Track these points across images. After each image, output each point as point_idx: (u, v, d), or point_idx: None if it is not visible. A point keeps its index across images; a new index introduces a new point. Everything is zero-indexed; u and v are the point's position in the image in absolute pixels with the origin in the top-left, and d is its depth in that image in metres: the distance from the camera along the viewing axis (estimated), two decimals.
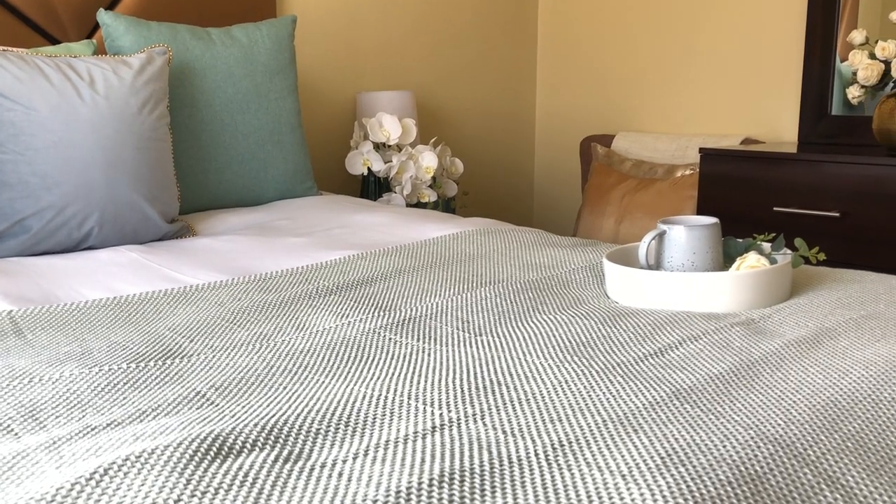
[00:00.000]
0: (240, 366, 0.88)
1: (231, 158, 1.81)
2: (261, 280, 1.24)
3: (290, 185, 1.91)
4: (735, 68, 2.52)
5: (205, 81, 1.78)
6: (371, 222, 1.66)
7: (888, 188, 1.82)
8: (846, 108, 2.24)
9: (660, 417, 0.72)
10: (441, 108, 2.72)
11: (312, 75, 2.36)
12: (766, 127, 2.47)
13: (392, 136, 2.15)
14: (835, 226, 1.90)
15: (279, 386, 0.81)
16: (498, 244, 1.48)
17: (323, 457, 0.64)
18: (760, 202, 2.01)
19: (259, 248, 1.45)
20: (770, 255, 1.15)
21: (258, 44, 1.88)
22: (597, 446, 0.66)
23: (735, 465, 0.64)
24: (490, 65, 2.86)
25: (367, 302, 1.13)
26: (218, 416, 0.72)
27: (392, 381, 0.82)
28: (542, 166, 3.08)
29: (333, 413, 0.73)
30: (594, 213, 2.50)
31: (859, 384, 0.81)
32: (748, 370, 0.84)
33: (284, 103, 1.90)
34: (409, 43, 2.60)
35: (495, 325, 1.02)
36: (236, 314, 1.07)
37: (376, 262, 1.33)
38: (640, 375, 0.83)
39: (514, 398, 0.77)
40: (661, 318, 1.01)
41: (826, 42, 2.25)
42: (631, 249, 1.25)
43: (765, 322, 1.01)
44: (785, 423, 0.72)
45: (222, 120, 1.80)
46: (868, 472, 0.67)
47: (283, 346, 0.94)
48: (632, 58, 2.75)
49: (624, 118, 2.80)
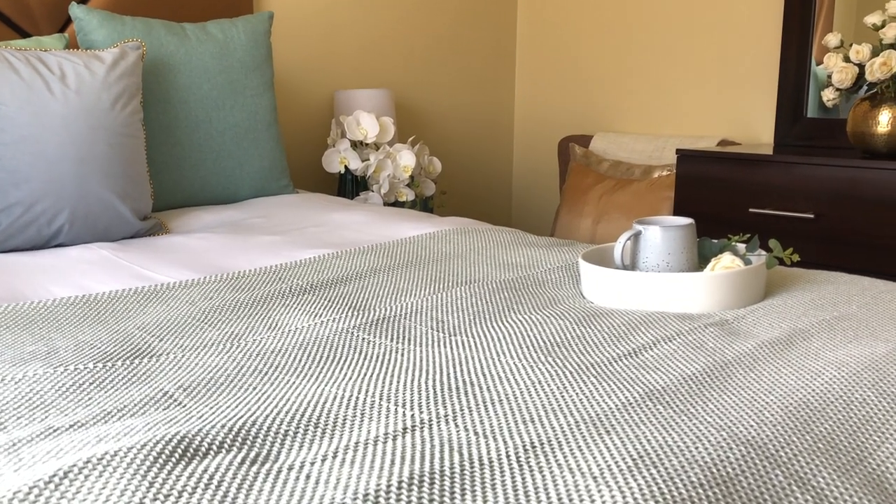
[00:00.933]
0: (209, 366, 0.86)
1: (206, 155, 1.79)
2: (233, 279, 1.22)
3: (266, 183, 1.89)
4: (712, 71, 2.53)
5: (179, 77, 1.76)
6: (347, 221, 1.65)
7: (862, 190, 1.83)
8: (821, 110, 2.26)
9: (633, 418, 0.72)
10: (419, 106, 2.71)
11: (289, 72, 2.34)
12: (743, 129, 2.49)
13: (369, 135, 2.14)
14: (809, 227, 1.91)
15: (248, 386, 0.80)
16: (474, 244, 1.47)
17: (291, 459, 0.63)
18: (736, 203, 2.02)
19: (233, 247, 1.43)
20: (745, 256, 1.15)
21: (234, 40, 1.86)
22: (569, 448, 0.66)
23: (707, 466, 0.64)
24: (469, 64, 2.85)
25: (341, 301, 1.11)
26: (185, 417, 0.70)
27: (364, 382, 0.81)
28: (521, 166, 3.08)
29: (303, 414, 0.72)
30: (572, 213, 2.50)
31: (831, 385, 0.81)
32: (721, 371, 0.84)
33: (260, 100, 1.89)
34: (387, 41, 2.58)
35: (470, 325, 1.01)
36: (208, 313, 1.06)
37: (351, 261, 1.32)
38: (614, 376, 0.83)
39: (486, 399, 0.76)
40: (635, 319, 1.01)
41: (802, 45, 2.27)
42: (607, 250, 1.25)
43: (739, 323, 1.01)
44: (757, 425, 0.72)
45: (197, 116, 1.78)
46: (839, 473, 0.67)
47: (254, 346, 0.93)
48: (610, 59, 2.76)
49: (602, 119, 2.81)
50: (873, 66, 1.85)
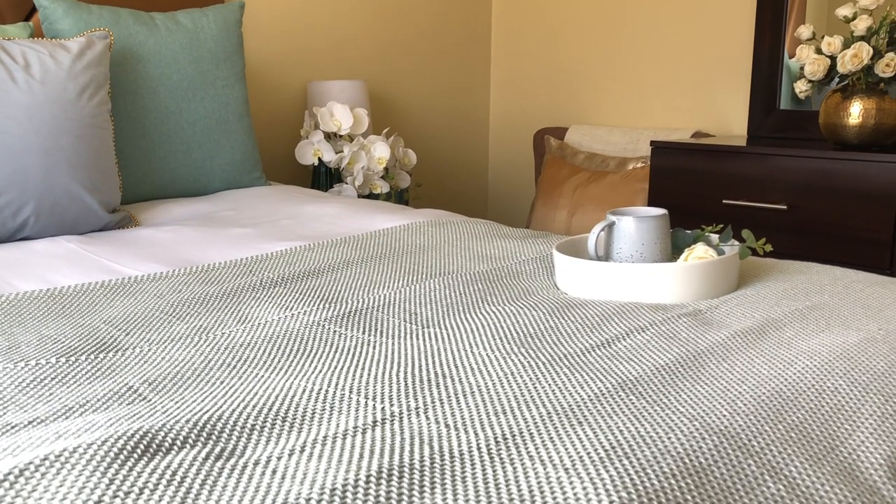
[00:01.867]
0: (176, 360, 0.85)
1: (176, 147, 1.76)
2: (203, 271, 1.20)
3: (238, 175, 1.86)
4: (686, 63, 2.53)
5: (148, 68, 1.73)
6: (320, 213, 1.63)
7: (834, 181, 1.84)
8: (794, 102, 2.27)
9: (605, 409, 0.71)
10: (394, 98, 2.69)
11: (262, 63, 2.31)
12: (717, 121, 2.49)
13: (343, 126, 2.11)
14: (782, 218, 1.92)
15: (216, 380, 0.78)
16: (448, 235, 1.46)
17: (257, 454, 0.61)
18: (710, 195, 2.03)
19: (203, 239, 1.41)
20: (718, 247, 1.15)
21: (204, 30, 1.83)
22: (541, 439, 0.65)
23: (679, 457, 0.63)
24: (444, 55, 2.83)
25: (313, 294, 1.10)
26: (148, 412, 0.69)
27: (334, 375, 0.79)
28: (497, 158, 3.07)
29: (270, 408, 0.70)
30: (547, 205, 2.50)
31: (803, 374, 0.81)
32: (694, 361, 0.84)
33: (232, 91, 1.86)
34: (361, 32, 2.56)
35: (443, 316, 1.00)
36: (176, 307, 1.04)
37: (323, 254, 1.30)
38: (587, 367, 0.82)
39: (458, 391, 0.75)
40: (609, 309, 1.00)
41: (775, 38, 2.28)
42: (581, 241, 1.24)
43: (712, 313, 1.00)
44: (730, 414, 0.71)
45: (167, 107, 1.75)
46: (811, 461, 0.67)
47: (222, 340, 0.91)
48: (585, 51, 2.75)
49: (577, 111, 2.81)
50: (845, 58, 1.86)
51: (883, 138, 1.89)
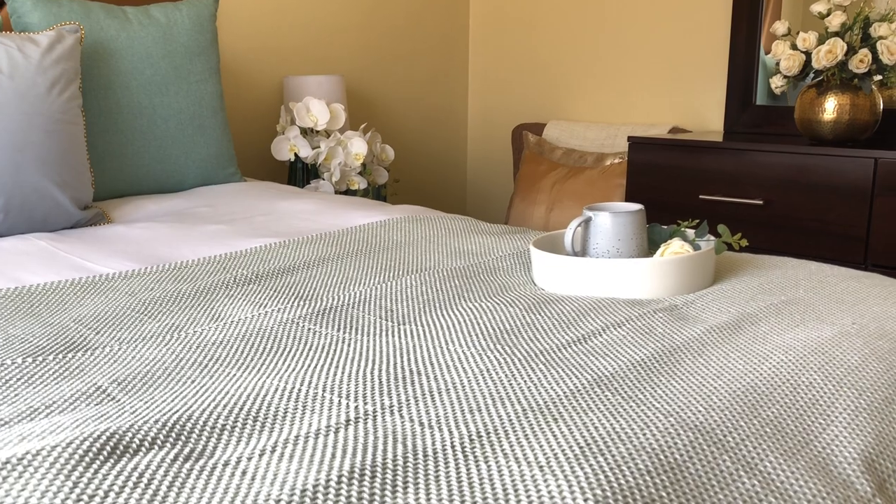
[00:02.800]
0: (147, 359, 0.83)
1: (149, 143, 1.74)
2: (176, 269, 1.18)
3: (212, 171, 1.84)
4: (664, 59, 2.54)
5: (121, 62, 1.70)
6: (296, 209, 1.62)
7: (809, 176, 1.86)
8: (770, 98, 2.28)
9: (580, 405, 0.71)
10: (371, 93, 2.68)
11: (237, 58, 2.29)
12: (694, 116, 2.50)
13: (320, 122, 2.10)
14: (758, 213, 1.94)
15: (187, 379, 0.77)
16: (426, 231, 1.45)
17: (227, 454, 0.60)
18: (687, 190, 2.04)
19: (176, 236, 1.39)
20: (694, 242, 1.15)
21: (178, 24, 1.81)
22: (515, 437, 0.64)
23: (655, 453, 0.63)
24: (423, 50, 2.82)
25: (287, 291, 1.09)
26: (117, 412, 0.67)
27: (307, 373, 0.78)
28: (475, 154, 3.07)
29: (242, 407, 0.69)
30: (525, 201, 2.50)
31: (778, 369, 0.81)
32: (670, 356, 0.84)
33: (206, 86, 1.84)
34: (338, 27, 2.54)
35: (419, 313, 0.99)
36: (148, 304, 1.02)
37: (299, 251, 1.29)
38: (563, 363, 0.81)
39: (433, 388, 0.75)
40: (585, 305, 1.00)
41: (751, 34, 2.29)
42: (558, 236, 1.24)
43: (688, 308, 1.00)
44: (705, 410, 0.71)
45: (140, 102, 1.73)
46: (785, 457, 0.67)
47: (194, 338, 0.90)
48: (563, 47, 2.75)
49: (555, 107, 2.81)
50: (819, 54, 1.87)
51: (857, 134, 1.91)
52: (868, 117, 1.89)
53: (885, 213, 1.76)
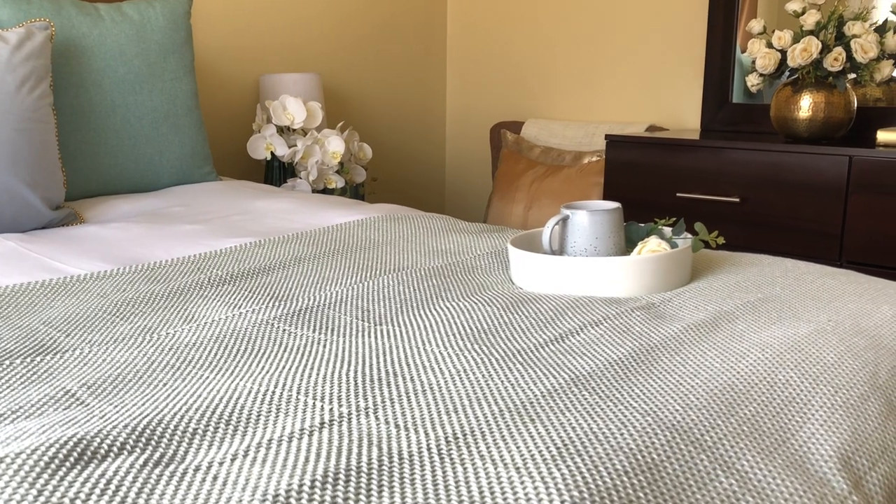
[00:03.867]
0: (118, 361, 0.82)
1: (123, 142, 1.71)
2: (149, 269, 1.16)
3: (187, 170, 1.82)
4: (641, 58, 2.55)
5: (93, 60, 1.68)
6: (272, 209, 1.60)
7: (785, 174, 1.87)
8: (746, 96, 2.29)
9: (557, 405, 0.70)
10: (349, 92, 2.66)
11: (212, 56, 2.27)
12: (671, 115, 2.51)
13: (296, 120, 2.08)
14: (735, 210, 1.94)
15: (158, 382, 0.76)
16: (403, 231, 1.44)
17: (198, 459, 0.59)
18: (664, 188, 2.04)
19: (150, 236, 1.37)
20: (671, 240, 1.15)
21: (151, 21, 1.78)
22: (492, 438, 0.64)
23: (632, 453, 0.63)
24: (400, 48, 2.81)
25: (263, 292, 1.07)
26: (85, 417, 0.66)
27: (281, 375, 0.77)
28: (454, 152, 3.06)
29: (214, 411, 0.68)
30: (504, 199, 2.50)
31: (755, 367, 0.81)
32: (647, 355, 0.83)
33: (180, 84, 1.81)
34: (315, 24, 2.52)
35: (396, 313, 0.98)
36: (120, 306, 1.01)
37: (275, 250, 1.28)
38: (540, 362, 0.81)
39: (409, 390, 0.74)
40: (563, 304, 1.00)
41: (727, 32, 2.30)
42: (535, 235, 1.23)
43: (665, 306, 1.00)
44: (682, 409, 0.71)
45: (113, 101, 1.70)
46: (762, 455, 0.66)
47: (167, 340, 0.88)
48: (541, 46, 2.75)
49: (533, 105, 2.80)
50: (794, 52, 1.88)
51: (832, 131, 1.92)
52: (842, 115, 1.90)
53: (859, 210, 1.77)
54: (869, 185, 1.76)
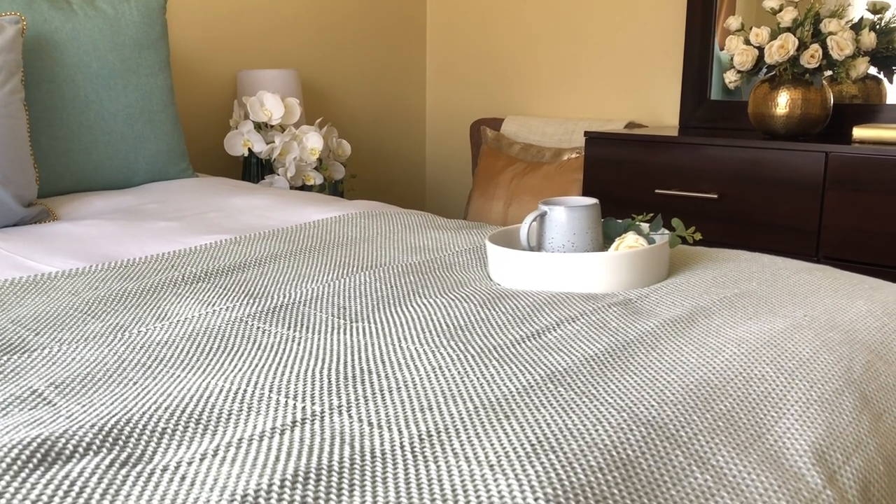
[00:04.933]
0: (87, 360, 0.80)
1: (97, 138, 1.69)
2: (122, 267, 1.15)
3: (163, 167, 1.80)
4: (620, 55, 2.55)
5: (66, 55, 1.65)
6: (249, 205, 1.58)
7: (762, 170, 1.87)
8: (725, 93, 2.30)
9: (533, 402, 0.70)
10: (328, 88, 2.64)
11: (189, 51, 2.24)
12: (650, 111, 2.52)
13: (274, 116, 2.06)
14: (713, 207, 1.95)
15: (128, 381, 0.74)
16: (382, 227, 1.43)
17: (166, 459, 0.58)
18: (643, 184, 2.05)
19: (124, 234, 1.35)
20: (648, 236, 1.15)
21: (125, 16, 1.76)
22: (466, 435, 0.63)
23: (607, 449, 0.62)
24: (379, 44, 2.80)
25: (237, 289, 1.06)
26: (51, 417, 0.64)
27: (254, 374, 0.76)
28: (434, 149, 3.05)
29: (184, 410, 0.67)
30: (484, 196, 2.49)
31: (731, 362, 0.81)
32: (624, 350, 0.83)
33: (156, 80, 1.79)
34: (293, 19, 2.50)
35: (373, 310, 0.98)
36: (91, 304, 0.99)
37: (250, 247, 1.26)
38: (516, 358, 0.80)
39: (384, 387, 0.73)
40: (540, 300, 0.99)
41: (705, 29, 2.30)
42: (514, 231, 1.23)
43: (642, 302, 1.00)
44: (658, 405, 0.71)
45: (86, 96, 1.68)
46: (738, 450, 0.66)
47: (138, 338, 0.87)
48: (521, 43, 2.75)
49: (513, 102, 2.80)
50: (772, 49, 1.89)
51: (809, 128, 1.93)
52: (819, 112, 1.91)
53: (835, 206, 1.79)
54: (845, 182, 1.77)
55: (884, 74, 2.06)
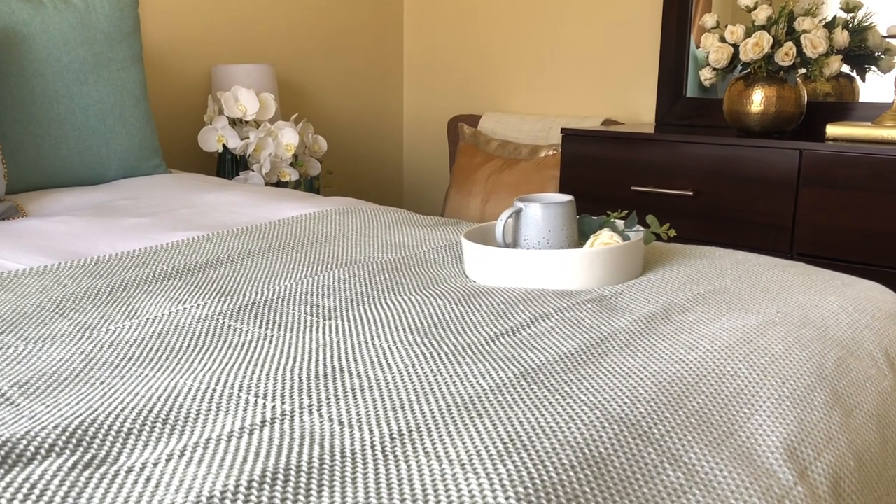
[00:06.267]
0: (53, 359, 0.79)
1: (67, 133, 1.67)
2: (91, 264, 1.13)
3: (136, 163, 1.77)
4: (597, 52, 2.55)
5: (35, 49, 1.63)
6: (222, 201, 1.57)
7: (737, 167, 1.88)
8: (700, 90, 2.31)
9: (506, 400, 0.69)
10: (304, 83, 2.62)
11: (162, 46, 2.21)
12: (626, 109, 2.52)
13: (249, 112, 2.04)
14: (689, 204, 1.96)
15: (95, 381, 0.73)
16: (357, 224, 1.42)
17: (131, 460, 0.57)
18: (620, 181, 2.05)
19: (94, 230, 1.33)
20: (623, 233, 1.15)
21: (96, 9, 1.73)
22: (438, 434, 0.62)
23: (579, 447, 0.62)
24: (356, 39, 2.78)
25: (209, 287, 1.05)
26: (13, 418, 0.63)
27: (223, 372, 0.75)
28: (412, 145, 3.04)
29: (151, 410, 0.65)
30: (461, 192, 2.48)
31: (704, 359, 0.81)
32: (597, 348, 0.83)
33: (128, 74, 1.77)
34: (269, 14, 2.48)
35: (346, 308, 0.97)
36: (59, 302, 0.97)
37: (223, 244, 1.25)
38: (490, 356, 0.80)
39: (355, 386, 0.72)
40: (515, 297, 0.99)
41: (681, 27, 2.31)
42: (489, 228, 1.22)
43: (616, 298, 1.00)
44: (631, 402, 0.70)
45: (56, 91, 1.65)
46: (710, 447, 0.66)
47: (107, 336, 0.85)
48: (498, 39, 2.74)
49: (491, 99, 2.80)
50: (746, 47, 1.89)
51: (783, 125, 1.94)
52: (793, 109, 1.93)
53: (809, 203, 1.80)
54: (819, 179, 1.78)
55: (856, 73, 2.08)
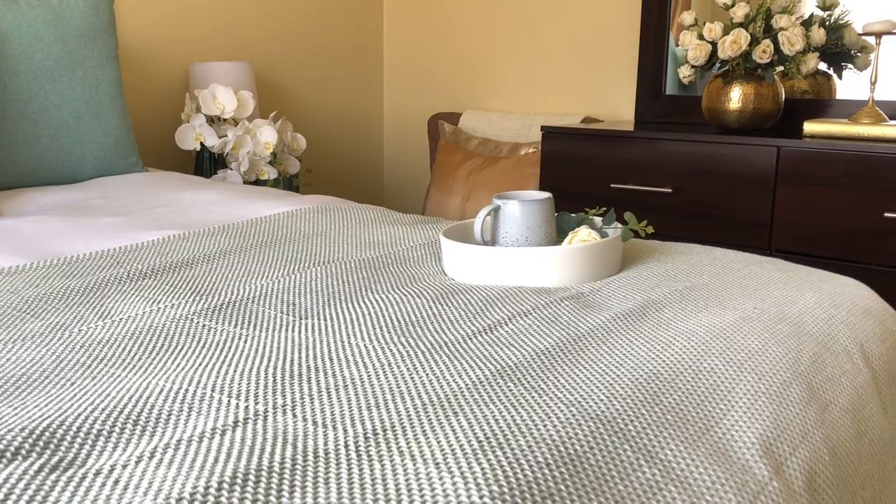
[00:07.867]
0: (23, 360, 0.77)
1: (41, 131, 1.64)
2: (65, 264, 1.11)
3: (111, 161, 1.75)
4: (577, 50, 2.56)
5: (7, 45, 1.60)
6: (199, 200, 1.55)
7: (716, 165, 1.89)
8: (679, 88, 2.32)
9: (482, 398, 0.69)
10: (283, 81, 2.61)
11: (139, 42, 2.19)
12: (606, 106, 2.53)
13: (227, 110, 2.03)
14: (668, 201, 1.96)
15: (65, 382, 0.72)
16: (335, 222, 1.41)
17: (100, 462, 0.56)
18: (599, 179, 2.05)
19: (69, 230, 1.32)
20: (601, 230, 1.15)
21: (71, 6, 1.71)
22: (413, 433, 0.62)
23: (555, 444, 0.62)
24: (336, 37, 2.76)
25: (184, 286, 1.03)
26: None
27: (197, 373, 0.74)
28: (392, 143, 3.03)
29: (122, 411, 0.64)
30: (441, 190, 2.48)
31: (681, 355, 0.81)
32: (574, 345, 0.83)
33: (103, 72, 1.75)
34: (247, 11, 2.46)
35: (323, 306, 0.96)
36: (31, 302, 0.96)
37: (199, 243, 1.23)
38: (467, 354, 0.79)
39: (330, 385, 0.71)
40: (493, 294, 0.98)
41: (660, 25, 2.32)
42: (468, 226, 1.22)
43: (594, 295, 1.00)
44: (607, 399, 0.70)
45: (30, 88, 1.63)
46: (686, 444, 0.66)
47: (79, 337, 0.84)
48: (478, 38, 2.74)
49: (471, 97, 2.79)
50: (724, 44, 1.90)
51: (761, 122, 1.95)
52: (771, 106, 1.94)
53: (787, 200, 1.81)
54: (796, 176, 1.79)
55: (833, 70, 2.09)
